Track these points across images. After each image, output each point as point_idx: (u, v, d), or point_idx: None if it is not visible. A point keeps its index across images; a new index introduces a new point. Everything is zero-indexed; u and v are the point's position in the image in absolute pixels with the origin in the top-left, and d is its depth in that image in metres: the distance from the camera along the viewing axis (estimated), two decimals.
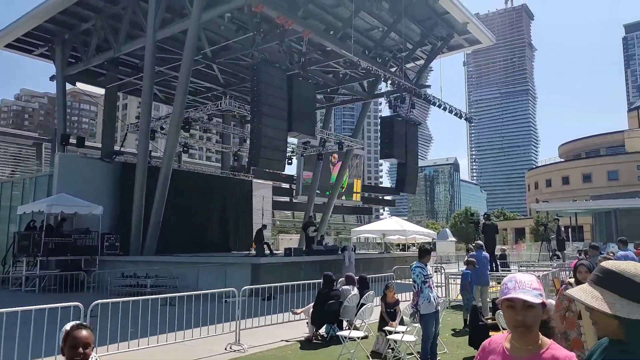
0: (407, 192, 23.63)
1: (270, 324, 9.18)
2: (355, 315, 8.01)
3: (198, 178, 25.22)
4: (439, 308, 6.75)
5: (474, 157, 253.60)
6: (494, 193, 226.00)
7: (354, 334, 7.12)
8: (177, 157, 32.68)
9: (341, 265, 17.82)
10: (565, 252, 17.19)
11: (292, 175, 39.76)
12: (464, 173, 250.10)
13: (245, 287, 10.40)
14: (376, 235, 28.49)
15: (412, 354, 6.93)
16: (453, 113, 23.29)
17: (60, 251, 18.56)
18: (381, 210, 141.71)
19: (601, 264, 1.57)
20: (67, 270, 17.38)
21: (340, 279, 9.21)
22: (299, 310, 8.67)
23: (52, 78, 22.80)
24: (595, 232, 44.66)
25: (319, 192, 31.15)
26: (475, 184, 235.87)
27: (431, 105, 22.80)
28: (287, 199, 37.87)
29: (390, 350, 6.95)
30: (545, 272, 13.61)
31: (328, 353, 7.43)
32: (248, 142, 20.00)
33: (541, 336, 1.79)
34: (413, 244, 33.03)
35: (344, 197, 39.35)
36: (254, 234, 21.08)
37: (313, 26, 18.79)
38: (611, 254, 13.63)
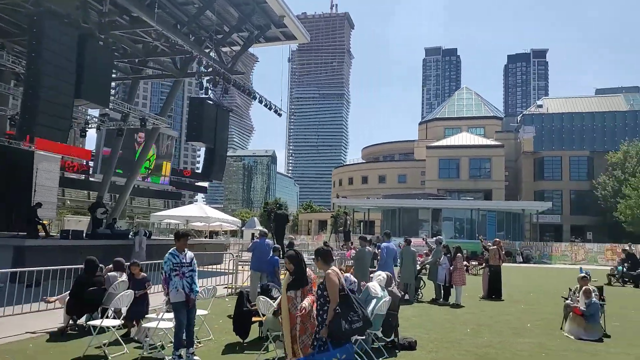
0: (213, 179, 23.15)
1: (22, 313, 7.93)
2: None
3: None
4: (206, 295, 6.59)
5: (291, 151, 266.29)
6: (306, 187, 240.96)
7: (108, 322, 6.50)
8: None
9: (131, 251, 16.59)
10: (350, 242, 19.03)
11: (91, 151, 35.76)
12: (281, 166, 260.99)
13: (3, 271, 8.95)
14: (179, 221, 27.43)
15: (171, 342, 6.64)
16: (263, 104, 23.70)
17: None
18: (196, 197, 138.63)
19: None
20: None
21: (109, 266, 8.41)
22: (52, 299, 7.61)
23: None
24: (383, 227, 51.08)
25: (120, 172, 28.55)
26: (290, 177, 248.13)
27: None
28: (82, 176, 33.93)
29: (146, 339, 6.52)
30: None
31: (78, 345, 6.64)
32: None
33: None
34: (217, 232, 32.82)
35: (149, 180, 36.99)
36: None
37: None
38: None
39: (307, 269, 5.11)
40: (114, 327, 6.56)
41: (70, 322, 7.31)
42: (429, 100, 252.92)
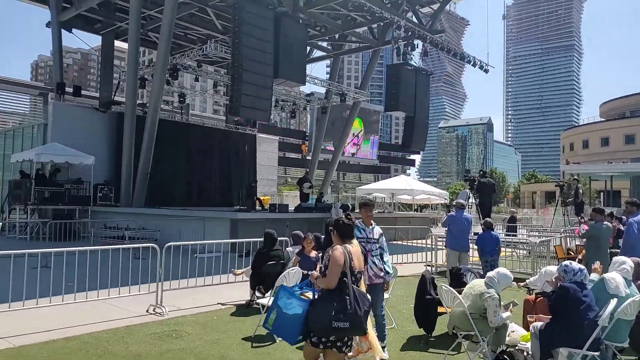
0: (415, 149, 22.13)
1: (226, 282, 8.37)
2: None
3: (198, 131, 24.37)
4: (388, 277, 5.65)
5: (509, 117, 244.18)
6: (529, 155, 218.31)
7: (263, 301, 6.14)
8: (185, 109, 31.91)
9: None
10: (581, 216, 15.45)
11: (304, 131, 38.55)
12: (499, 134, 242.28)
13: (222, 241, 9.85)
14: (384, 194, 27.21)
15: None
16: (470, 62, 21.34)
17: (53, 200, 18.36)
18: (408, 171, 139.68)
19: None
20: (58, 219, 17.15)
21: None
22: (239, 271, 7.72)
23: (47, 24, 21.99)
24: (633, 198, 41.99)
25: (329, 148, 29.86)
26: (510, 145, 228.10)
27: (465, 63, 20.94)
28: (299, 155, 36.85)
29: None
30: (548, 238, 12.21)
31: (254, 321, 6.47)
32: None
33: None
34: (427, 205, 31.59)
35: (359, 155, 38.02)
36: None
37: None
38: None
39: None
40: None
41: (255, 296, 7.27)
42: None
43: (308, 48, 26.71)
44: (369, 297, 3.88)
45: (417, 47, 22.25)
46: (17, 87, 30.58)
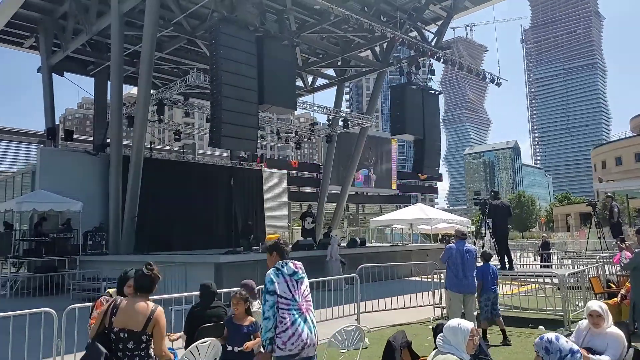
0: (426, 174, 20.30)
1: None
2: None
3: (200, 169, 23.17)
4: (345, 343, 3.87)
5: (536, 139, 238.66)
6: (560, 176, 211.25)
7: None
8: (191, 149, 31.00)
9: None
10: (620, 239, 13.14)
11: (318, 164, 37.13)
12: (527, 157, 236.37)
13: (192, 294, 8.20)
14: (402, 225, 25.22)
15: None
16: (480, 77, 19.70)
17: (37, 252, 17.17)
18: (436, 200, 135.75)
19: None
20: (43, 272, 15.89)
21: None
22: (175, 336, 5.96)
23: (38, 70, 21.56)
24: None
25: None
26: (539, 168, 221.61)
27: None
28: (314, 189, 35.30)
29: None
30: (584, 268, 10.11)
31: None
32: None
33: None
34: (446, 235, 29.28)
35: (373, 185, 36.32)
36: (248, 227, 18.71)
37: None
38: None
39: None
40: None
41: None
42: None
43: (311, 77, 25.75)
44: None
45: (423, 67, 20.87)
46: (21, 136, 30.42)
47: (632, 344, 4.50)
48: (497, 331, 7.42)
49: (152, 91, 17.72)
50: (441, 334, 3.17)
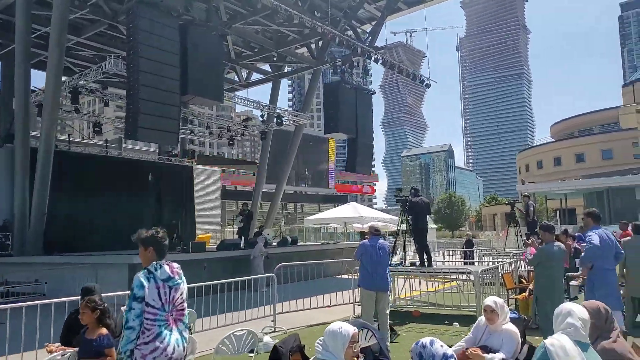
0: (359, 173, 20.31)
1: None
2: None
3: (124, 165, 21.82)
4: None
5: (469, 143, 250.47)
6: (489, 179, 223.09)
7: None
8: (118, 143, 29.32)
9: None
10: (535, 236, 13.75)
11: (256, 162, 36.32)
12: (460, 160, 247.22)
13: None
14: (337, 223, 25.20)
15: None
16: (411, 77, 19.99)
17: None
18: (374, 200, 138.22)
19: None
20: None
21: None
22: (53, 346, 5.16)
23: None
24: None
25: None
26: (471, 171, 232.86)
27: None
28: (250, 188, 34.58)
29: None
30: (502, 263, 10.39)
31: None
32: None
33: None
34: (364, 233, 29.71)
35: (308, 184, 36.16)
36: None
37: None
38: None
39: None
40: None
41: None
42: (632, 63, 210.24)
43: (246, 71, 25.07)
44: None
45: (357, 67, 20.88)
46: None
47: (527, 338, 4.47)
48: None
49: (65, 78, 16.40)
50: (321, 338, 2.86)
